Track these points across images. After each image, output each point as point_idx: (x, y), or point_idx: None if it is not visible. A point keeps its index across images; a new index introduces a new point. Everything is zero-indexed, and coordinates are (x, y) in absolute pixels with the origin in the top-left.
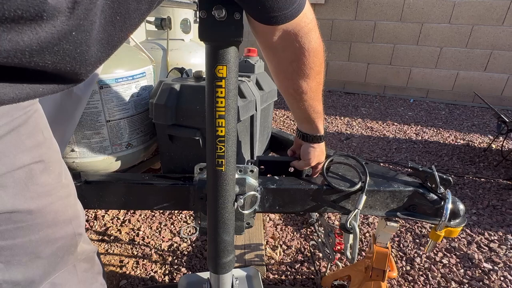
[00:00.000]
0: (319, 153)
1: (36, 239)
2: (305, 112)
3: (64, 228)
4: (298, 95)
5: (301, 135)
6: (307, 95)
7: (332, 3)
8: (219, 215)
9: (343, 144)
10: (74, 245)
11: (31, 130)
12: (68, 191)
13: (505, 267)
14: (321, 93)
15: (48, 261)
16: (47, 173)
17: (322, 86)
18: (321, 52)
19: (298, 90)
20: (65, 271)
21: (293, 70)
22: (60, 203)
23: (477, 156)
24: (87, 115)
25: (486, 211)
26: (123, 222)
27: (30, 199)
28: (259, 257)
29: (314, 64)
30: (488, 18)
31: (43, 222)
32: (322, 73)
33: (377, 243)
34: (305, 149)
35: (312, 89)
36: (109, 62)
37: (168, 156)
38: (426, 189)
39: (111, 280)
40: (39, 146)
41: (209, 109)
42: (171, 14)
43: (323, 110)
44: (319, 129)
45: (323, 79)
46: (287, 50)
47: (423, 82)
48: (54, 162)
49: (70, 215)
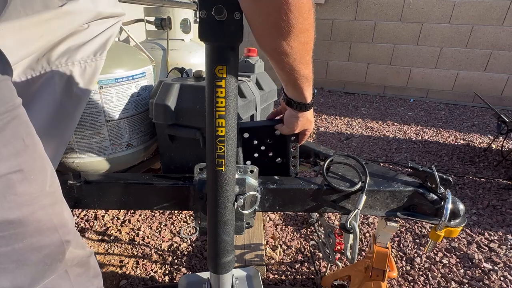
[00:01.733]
0: (305, 122)
1: (20, 248)
2: (289, 75)
3: (49, 237)
4: (277, 55)
5: (285, 99)
6: (288, 57)
7: (332, 3)
8: (219, 215)
9: (343, 144)
10: (62, 252)
11: (9, 138)
12: (53, 199)
13: (505, 267)
14: (309, 55)
15: (36, 268)
16: (28, 183)
17: (311, 46)
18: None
19: (277, 50)
20: (57, 276)
21: (270, 25)
22: (43, 212)
23: (477, 156)
24: (87, 115)
25: (486, 211)
26: (123, 222)
27: (9, 210)
28: (259, 257)
29: (296, 20)
30: (488, 18)
31: (25, 232)
32: (308, 31)
33: (377, 243)
34: (289, 116)
35: (295, 50)
36: (109, 62)
37: (168, 156)
38: (426, 189)
39: (111, 280)
40: (18, 155)
41: (209, 109)
42: (171, 14)
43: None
44: (306, 96)
45: (313, 38)
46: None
47: (423, 82)
48: (36, 170)
49: (55, 223)
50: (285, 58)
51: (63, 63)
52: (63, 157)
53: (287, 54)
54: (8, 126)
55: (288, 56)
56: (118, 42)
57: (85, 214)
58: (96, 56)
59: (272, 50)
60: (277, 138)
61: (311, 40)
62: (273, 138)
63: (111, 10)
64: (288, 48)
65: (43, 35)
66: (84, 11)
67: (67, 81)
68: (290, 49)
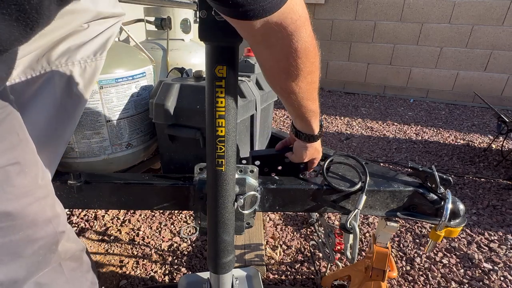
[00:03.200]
0: (313, 152)
1: (16, 239)
2: (296, 110)
3: (44, 228)
4: (286, 94)
5: (294, 131)
6: (297, 96)
7: (332, 3)
8: (219, 215)
9: (343, 144)
10: (56, 243)
11: (5, 132)
12: (45, 191)
13: (505, 267)
14: (315, 92)
15: (31, 260)
16: (23, 175)
17: (317, 84)
18: (313, 52)
19: (287, 90)
20: (51, 270)
21: (279, 70)
22: (38, 204)
23: (477, 156)
24: (87, 115)
25: (486, 211)
26: (123, 222)
27: (7, 201)
28: (259, 257)
29: (303, 65)
30: (488, 18)
31: (22, 223)
32: (314, 72)
33: (377, 243)
34: (298, 146)
35: (302, 89)
36: (109, 62)
37: (168, 156)
38: (426, 189)
39: (111, 280)
40: (14, 148)
41: (209, 109)
42: (171, 14)
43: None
44: (313, 129)
45: (318, 77)
46: (272, 48)
47: (423, 82)
48: (30, 163)
49: (49, 215)
50: (293, 96)
51: (63, 63)
52: (63, 157)
53: (295, 93)
54: (4, 121)
55: (296, 94)
56: (118, 42)
57: (85, 214)
58: (96, 56)
59: (282, 89)
60: (287, 167)
61: (317, 79)
62: (283, 165)
63: (111, 10)
64: (297, 88)
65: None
66: (84, 11)
67: (67, 81)
68: (298, 88)
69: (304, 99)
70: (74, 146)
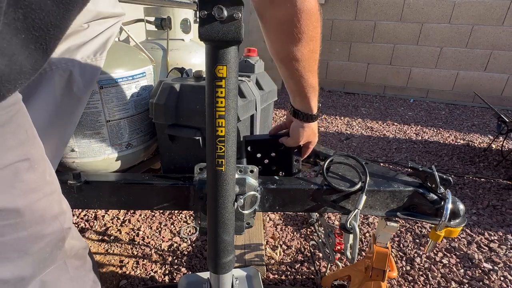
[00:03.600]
0: (310, 132)
1: (24, 236)
2: (297, 83)
3: (51, 224)
4: (289, 61)
5: (292, 110)
6: (298, 63)
7: (332, 3)
8: (219, 215)
9: (343, 144)
10: (62, 239)
11: (15, 129)
12: (53, 188)
13: (505, 267)
14: (316, 64)
15: (38, 257)
16: (32, 171)
17: (318, 56)
18: (316, 15)
19: (289, 56)
20: (56, 268)
21: (283, 32)
22: (46, 199)
23: (477, 156)
24: (87, 115)
25: (486, 211)
26: (123, 222)
27: (17, 197)
28: (259, 257)
29: (307, 27)
30: (488, 18)
31: (31, 219)
32: (316, 40)
33: (377, 243)
34: (295, 127)
35: (305, 57)
36: (109, 62)
37: (168, 156)
38: (426, 189)
39: (111, 280)
40: (23, 144)
41: (209, 109)
42: (171, 14)
43: (320, 108)
44: (312, 107)
45: (319, 48)
46: (277, 8)
47: (423, 82)
48: (39, 160)
49: (56, 211)
50: (295, 64)
51: (63, 63)
52: (63, 157)
53: (297, 60)
54: (14, 118)
55: (299, 62)
56: (118, 42)
57: (85, 214)
58: (96, 56)
59: (284, 56)
60: (281, 152)
61: (318, 50)
62: (277, 151)
63: (111, 10)
64: (299, 54)
65: None
66: (84, 11)
67: (67, 81)
68: (301, 55)
69: (306, 69)
70: (74, 146)
